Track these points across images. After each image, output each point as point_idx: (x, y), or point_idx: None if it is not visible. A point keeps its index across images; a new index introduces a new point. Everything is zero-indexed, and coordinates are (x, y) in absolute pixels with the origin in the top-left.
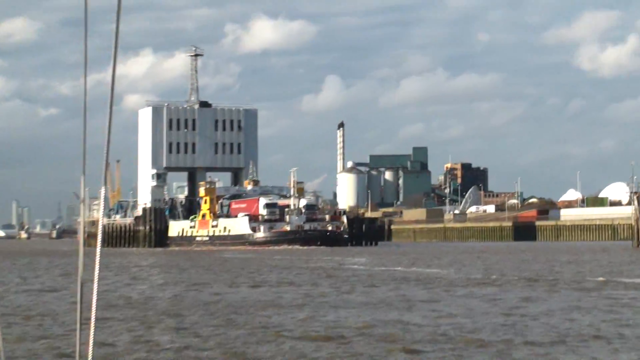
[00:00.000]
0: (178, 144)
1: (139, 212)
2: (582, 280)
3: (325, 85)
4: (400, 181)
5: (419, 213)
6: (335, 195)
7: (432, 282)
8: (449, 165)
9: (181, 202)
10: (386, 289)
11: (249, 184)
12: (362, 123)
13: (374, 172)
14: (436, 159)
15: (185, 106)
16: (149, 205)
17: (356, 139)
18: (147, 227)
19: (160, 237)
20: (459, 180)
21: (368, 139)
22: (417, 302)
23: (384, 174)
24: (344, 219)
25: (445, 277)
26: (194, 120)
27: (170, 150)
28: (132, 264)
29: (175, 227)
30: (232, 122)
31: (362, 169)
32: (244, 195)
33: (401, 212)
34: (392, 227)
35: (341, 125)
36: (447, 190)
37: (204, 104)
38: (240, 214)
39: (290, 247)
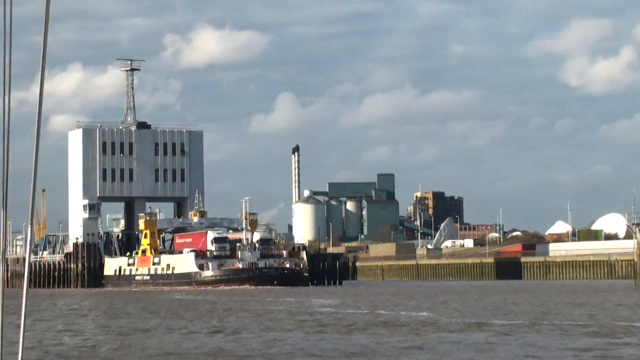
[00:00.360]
0: (113, 170)
1: (69, 247)
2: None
3: (278, 103)
4: (364, 212)
5: (388, 248)
6: (290, 227)
7: (420, 326)
8: (418, 194)
9: (118, 236)
10: (363, 335)
11: (194, 215)
12: (320, 146)
13: (334, 202)
14: (404, 188)
15: (120, 127)
16: (80, 240)
17: (314, 164)
18: (80, 265)
19: (94, 276)
20: (431, 210)
21: (327, 165)
22: (402, 349)
23: (346, 204)
24: (304, 254)
25: (434, 320)
26: (130, 144)
27: (104, 178)
28: (65, 307)
29: (112, 265)
30: (174, 145)
31: (321, 198)
32: (189, 229)
33: (367, 247)
34: (357, 264)
35: (296, 149)
36: (417, 223)
37: (142, 125)
38: (186, 250)
39: (242, 287)
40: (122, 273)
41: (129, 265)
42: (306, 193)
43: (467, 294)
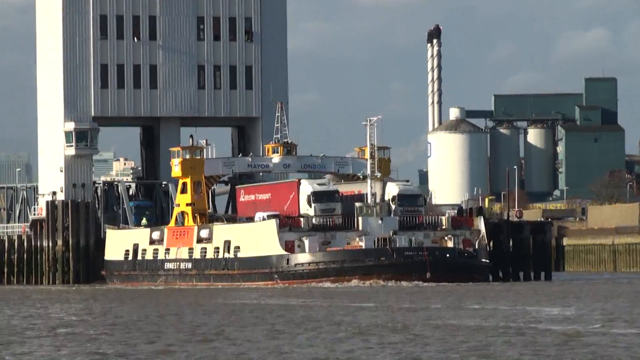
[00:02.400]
0: (120, 68)
1: (40, 210)
2: None
3: None
4: (561, 147)
5: (623, 212)
6: (423, 176)
7: None
8: None
9: (129, 189)
10: None
11: (273, 151)
12: (475, 28)
13: (503, 130)
14: (634, 103)
15: None
16: (60, 196)
17: (464, 60)
18: (59, 242)
19: (86, 263)
20: None
21: (490, 62)
22: None
23: (526, 133)
24: (480, 224)
25: None
26: (152, 20)
27: (103, 83)
28: (29, 331)
29: (119, 242)
30: (232, 22)
31: (481, 122)
32: (261, 177)
33: (583, 211)
34: (565, 241)
35: (435, 34)
36: None
37: None
38: (260, 215)
39: (368, 282)
40: (138, 256)
41: (152, 242)
42: (453, 114)
43: None
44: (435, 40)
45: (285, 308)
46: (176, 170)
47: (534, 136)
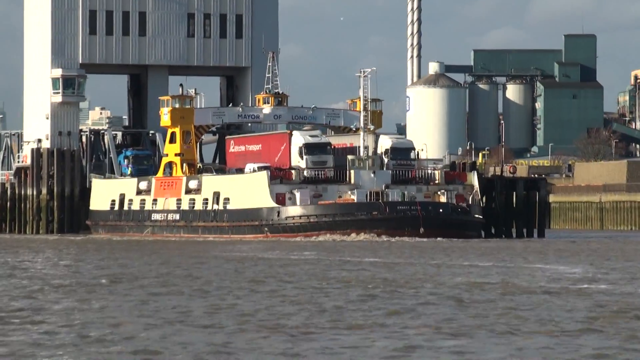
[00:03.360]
0: (109, 15)
1: (24, 158)
2: None
3: None
4: (540, 104)
5: (612, 169)
6: (401, 129)
7: None
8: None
9: (116, 137)
10: None
11: (264, 101)
12: None
13: (482, 86)
14: (613, 61)
15: None
16: (46, 143)
17: (446, 13)
18: (43, 190)
19: (72, 212)
20: None
21: (471, 19)
22: None
23: (505, 89)
24: (474, 179)
25: None
26: None
27: (91, 29)
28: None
29: (105, 191)
30: None
31: (460, 77)
32: (252, 127)
33: (569, 167)
34: (551, 197)
35: None
36: (636, 124)
37: None
38: (251, 166)
39: (360, 236)
40: (125, 207)
41: (139, 192)
42: (432, 68)
43: None
44: None
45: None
46: (165, 119)
47: (512, 92)
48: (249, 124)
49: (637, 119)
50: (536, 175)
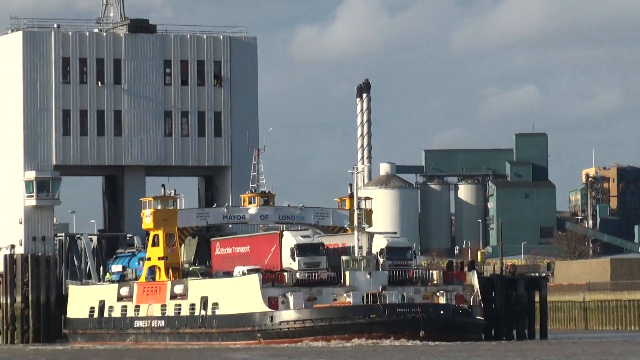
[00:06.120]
0: (83, 114)
1: None
2: None
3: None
4: (492, 203)
5: (595, 268)
6: None
7: None
8: (591, 171)
9: (90, 239)
10: None
11: (249, 201)
12: (406, 81)
13: (434, 186)
14: (565, 160)
15: (97, 30)
16: (19, 249)
17: (393, 113)
18: (18, 298)
19: (47, 321)
20: (613, 200)
21: (420, 117)
22: None
23: (457, 189)
24: (473, 278)
25: None
26: (116, 63)
27: (65, 130)
28: None
29: (84, 298)
30: (201, 65)
31: (411, 178)
32: (231, 228)
33: (549, 266)
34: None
35: (364, 88)
36: (588, 223)
37: (139, 26)
38: (239, 269)
39: (356, 341)
40: (106, 314)
41: (120, 298)
42: (383, 169)
43: None
44: (364, 95)
45: None
46: (147, 221)
47: (464, 192)
48: (230, 226)
49: (589, 217)
50: (536, 274)
